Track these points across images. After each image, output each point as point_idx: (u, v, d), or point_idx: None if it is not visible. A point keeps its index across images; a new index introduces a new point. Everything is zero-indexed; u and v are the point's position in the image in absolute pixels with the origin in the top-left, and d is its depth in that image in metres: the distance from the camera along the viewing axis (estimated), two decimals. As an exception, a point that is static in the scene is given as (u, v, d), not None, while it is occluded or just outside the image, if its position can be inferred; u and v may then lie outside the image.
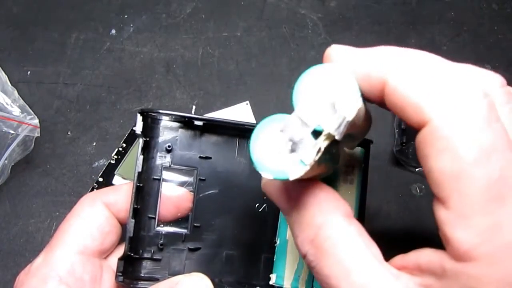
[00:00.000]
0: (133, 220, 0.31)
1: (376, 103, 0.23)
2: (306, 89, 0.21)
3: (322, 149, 0.20)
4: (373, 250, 0.22)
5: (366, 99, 0.23)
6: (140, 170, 0.31)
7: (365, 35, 0.52)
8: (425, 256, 0.21)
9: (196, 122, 0.32)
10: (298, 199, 0.24)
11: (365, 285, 0.21)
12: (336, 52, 0.23)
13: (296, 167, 0.20)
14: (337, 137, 0.21)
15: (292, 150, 0.21)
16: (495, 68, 0.42)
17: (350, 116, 0.20)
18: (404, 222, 0.46)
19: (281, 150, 0.21)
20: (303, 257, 0.23)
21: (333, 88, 0.21)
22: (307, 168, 0.20)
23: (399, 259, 0.23)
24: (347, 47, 0.23)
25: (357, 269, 0.21)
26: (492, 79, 0.22)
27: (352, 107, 0.21)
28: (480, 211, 0.19)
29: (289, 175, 0.21)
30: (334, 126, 0.20)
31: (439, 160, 0.19)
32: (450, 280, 0.20)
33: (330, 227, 0.22)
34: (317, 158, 0.20)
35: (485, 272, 0.18)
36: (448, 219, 0.19)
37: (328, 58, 0.23)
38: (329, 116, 0.20)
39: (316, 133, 0.21)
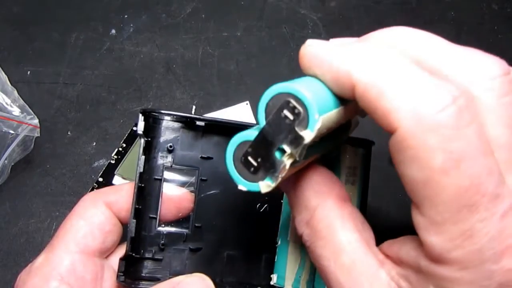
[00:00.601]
0: (135, 220, 0.30)
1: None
2: (269, 108, 0.21)
3: (288, 167, 0.21)
4: (365, 234, 0.23)
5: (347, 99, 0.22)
6: (141, 170, 0.31)
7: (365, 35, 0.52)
8: (405, 250, 0.22)
9: (198, 123, 0.32)
10: (295, 181, 0.24)
11: (351, 267, 0.22)
12: (308, 53, 0.23)
13: (265, 183, 0.22)
14: (297, 158, 0.21)
15: (260, 166, 0.22)
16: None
17: (308, 138, 0.20)
18: (404, 222, 0.46)
19: (252, 165, 0.22)
20: (300, 237, 0.24)
21: (292, 109, 0.21)
22: (275, 184, 0.21)
23: (386, 246, 0.23)
24: (320, 45, 0.23)
25: (346, 251, 0.22)
26: (492, 67, 0.21)
27: (310, 129, 0.20)
28: (451, 219, 0.18)
29: (260, 189, 0.22)
30: (292, 147, 0.21)
31: (409, 168, 0.19)
32: (425, 277, 0.20)
33: (324, 209, 0.23)
34: (283, 175, 0.21)
35: (457, 275, 0.19)
36: (422, 224, 0.20)
37: (302, 58, 0.23)
38: (288, 137, 0.21)
39: (283, 150, 0.21)
